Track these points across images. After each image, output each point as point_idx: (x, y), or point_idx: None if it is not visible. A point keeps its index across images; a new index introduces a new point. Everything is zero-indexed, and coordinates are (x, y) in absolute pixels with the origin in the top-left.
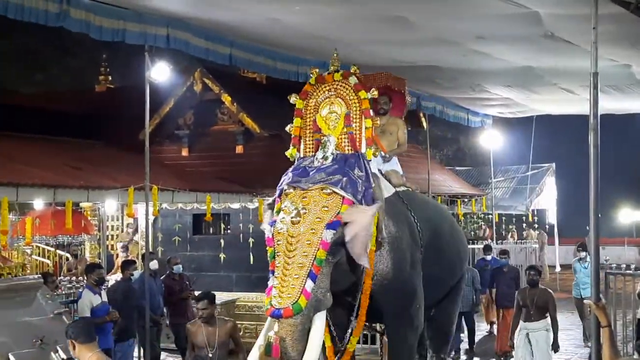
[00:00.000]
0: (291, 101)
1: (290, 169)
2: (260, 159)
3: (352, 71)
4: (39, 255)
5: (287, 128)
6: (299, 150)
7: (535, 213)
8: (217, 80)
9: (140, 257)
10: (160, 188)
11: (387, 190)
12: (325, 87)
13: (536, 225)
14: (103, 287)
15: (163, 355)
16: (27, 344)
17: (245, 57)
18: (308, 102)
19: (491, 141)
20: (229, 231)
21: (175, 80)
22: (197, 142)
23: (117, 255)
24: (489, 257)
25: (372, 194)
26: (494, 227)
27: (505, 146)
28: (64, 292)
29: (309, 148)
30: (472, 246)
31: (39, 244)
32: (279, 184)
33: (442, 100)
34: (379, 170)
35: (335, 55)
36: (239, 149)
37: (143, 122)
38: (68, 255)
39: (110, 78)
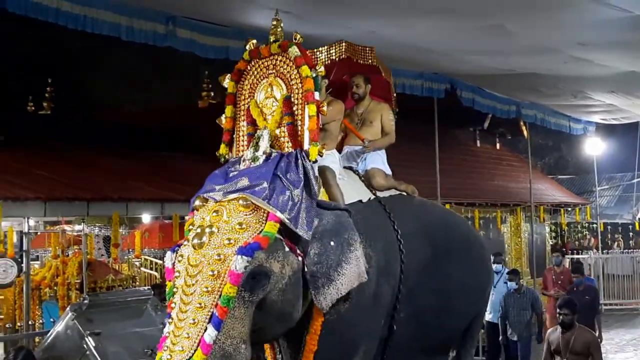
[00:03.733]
0: (223, 84)
1: (211, 174)
2: None
3: (295, 39)
4: (147, 268)
5: (218, 120)
6: (231, 150)
7: None
8: None
9: None
10: None
11: (360, 194)
12: (262, 63)
13: None
14: None
15: None
16: (138, 354)
17: None
18: (242, 85)
19: (594, 148)
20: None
21: None
22: None
23: None
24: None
25: (311, 206)
26: (599, 237)
27: (609, 153)
28: None
29: (242, 145)
30: (578, 256)
31: (147, 257)
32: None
33: (542, 108)
34: (355, 170)
35: (276, 18)
36: None
37: None
38: None
39: (212, 94)
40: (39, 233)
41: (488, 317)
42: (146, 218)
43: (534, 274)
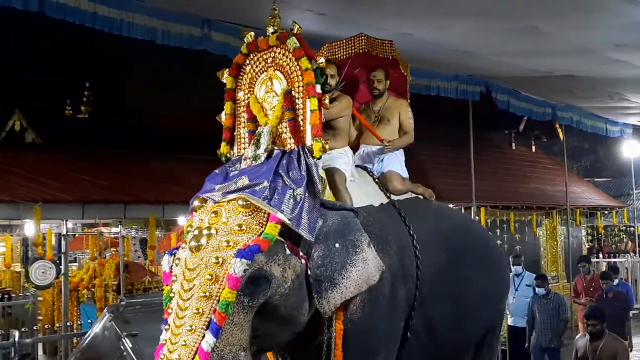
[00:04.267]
0: (222, 80)
1: (212, 173)
2: None
3: (294, 30)
4: None
5: (218, 117)
6: (232, 148)
7: None
8: None
9: None
10: None
11: (372, 199)
12: (261, 56)
13: None
14: None
15: None
16: None
17: None
18: (241, 80)
19: (632, 151)
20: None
21: None
22: None
23: None
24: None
25: (315, 206)
26: (637, 240)
27: None
28: None
29: (244, 143)
30: (615, 260)
31: None
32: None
33: (579, 111)
34: (370, 172)
35: (274, 8)
36: None
37: None
38: None
39: None
40: (77, 235)
41: (510, 321)
42: (182, 221)
43: (570, 278)
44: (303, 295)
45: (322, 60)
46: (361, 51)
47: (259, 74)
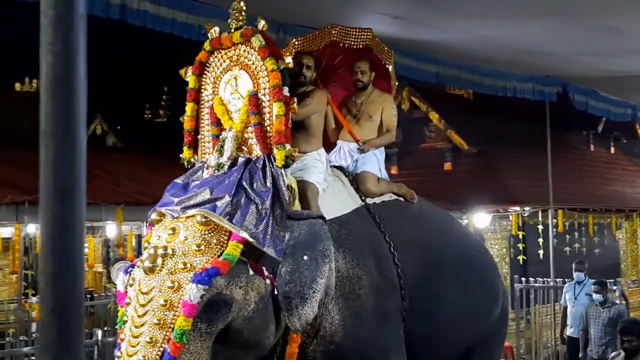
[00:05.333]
0: (185, 78)
1: (172, 183)
2: (469, 176)
3: (259, 27)
4: None
5: (181, 118)
6: (195, 152)
7: None
8: (424, 98)
9: None
10: None
11: (345, 203)
12: (225, 54)
13: None
14: None
15: None
16: None
17: (452, 74)
18: (205, 79)
19: None
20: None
21: None
22: (405, 159)
23: None
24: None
25: (281, 220)
26: None
27: None
28: None
29: (207, 148)
30: None
31: None
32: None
33: None
34: (346, 172)
35: (238, 1)
36: (447, 165)
37: None
38: None
39: None
40: None
41: (569, 331)
42: None
43: None
44: (268, 317)
45: (289, 60)
46: (328, 43)
47: (223, 73)
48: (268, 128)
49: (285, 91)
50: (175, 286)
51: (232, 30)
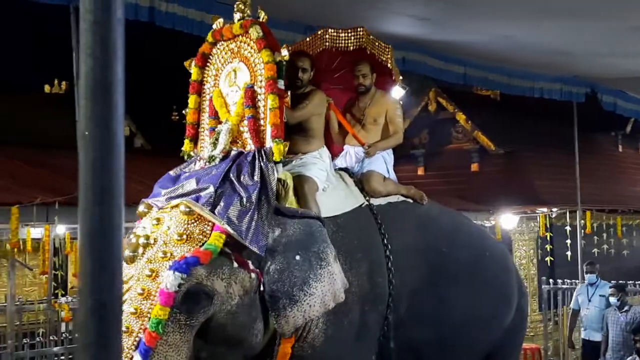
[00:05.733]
0: (189, 70)
1: (164, 176)
2: (496, 176)
3: (259, 19)
4: None
5: (184, 111)
6: (196, 145)
7: None
8: (451, 99)
9: None
10: None
11: (346, 202)
12: (227, 46)
13: None
14: None
15: None
16: None
17: (479, 75)
18: (207, 71)
19: None
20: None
21: (410, 101)
22: (432, 160)
23: None
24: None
25: (267, 215)
26: None
27: None
28: None
29: (205, 142)
30: None
31: None
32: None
33: None
34: (351, 173)
35: None
36: (474, 166)
37: None
38: None
39: None
40: None
41: (583, 334)
42: None
43: None
44: (255, 313)
45: (285, 52)
46: (357, 46)
47: (224, 65)
48: (262, 122)
49: (281, 84)
50: (153, 275)
51: (235, 20)
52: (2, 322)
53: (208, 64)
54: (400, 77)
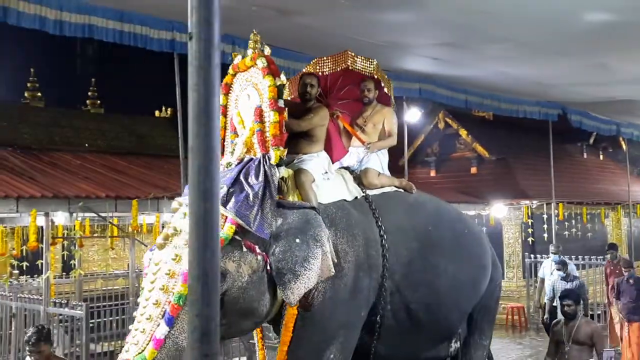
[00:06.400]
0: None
1: None
2: (490, 177)
3: (264, 52)
4: None
5: None
6: (222, 155)
7: None
8: (456, 119)
9: None
10: None
11: (344, 193)
12: (243, 76)
13: None
14: None
15: None
16: None
17: (477, 101)
18: (230, 97)
19: None
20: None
21: (424, 120)
22: (442, 165)
23: None
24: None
25: (270, 207)
26: None
27: None
28: None
29: (228, 153)
30: None
31: None
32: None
33: (639, 127)
34: (350, 170)
35: (254, 33)
36: (473, 170)
37: (402, 152)
38: None
39: None
40: None
41: (545, 298)
42: None
43: (632, 260)
44: (263, 288)
45: (283, 77)
46: (343, 67)
47: (242, 91)
48: (267, 133)
49: (281, 103)
50: (177, 258)
51: (249, 55)
52: (125, 285)
53: (230, 91)
54: (394, 105)
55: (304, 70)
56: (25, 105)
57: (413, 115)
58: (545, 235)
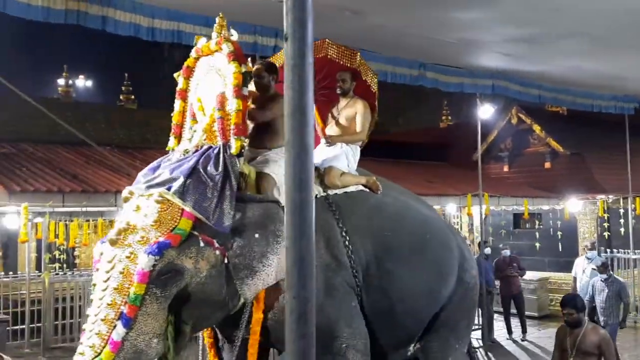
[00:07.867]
0: (177, 80)
1: (147, 166)
2: (564, 172)
3: (230, 37)
4: None
5: (172, 114)
6: (180, 142)
7: None
8: (529, 114)
9: (477, 244)
10: (490, 195)
11: None
12: (206, 60)
13: None
14: None
15: (495, 315)
16: None
17: (551, 96)
18: (191, 81)
19: None
20: (541, 226)
21: (497, 116)
22: (515, 160)
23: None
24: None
25: (230, 200)
26: None
27: None
28: None
29: (186, 139)
30: None
31: None
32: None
33: None
34: (316, 167)
35: (220, 16)
36: (547, 165)
37: (476, 148)
38: None
39: (450, 117)
40: None
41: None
42: None
43: None
44: (222, 282)
45: (249, 64)
46: (324, 55)
47: (204, 75)
48: (229, 122)
49: (245, 91)
50: (131, 257)
51: (213, 40)
52: None
53: (191, 75)
54: (376, 103)
55: (269, 59)
56: (120, 108)
57: (486, 111)
58: (622, 229)
